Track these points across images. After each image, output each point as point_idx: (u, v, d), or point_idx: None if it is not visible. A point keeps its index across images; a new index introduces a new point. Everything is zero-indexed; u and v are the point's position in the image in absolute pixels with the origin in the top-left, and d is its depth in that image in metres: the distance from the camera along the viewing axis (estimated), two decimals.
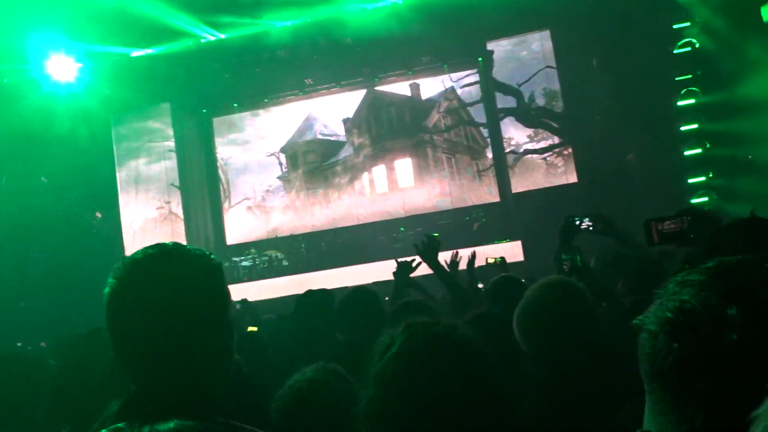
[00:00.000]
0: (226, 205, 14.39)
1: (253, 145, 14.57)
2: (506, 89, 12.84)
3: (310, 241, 13.29)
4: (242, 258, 12.80)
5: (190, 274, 1.18)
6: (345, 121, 14.33)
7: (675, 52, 11.22)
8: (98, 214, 12.96)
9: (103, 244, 12.62)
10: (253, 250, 12.95)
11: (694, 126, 11.04)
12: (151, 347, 1.14)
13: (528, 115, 12.68)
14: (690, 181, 11.00)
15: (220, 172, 14.53)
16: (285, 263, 12.96)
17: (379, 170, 14.02)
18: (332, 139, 14.39)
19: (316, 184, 14.25)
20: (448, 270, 3.90)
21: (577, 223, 3.12)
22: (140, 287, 1.16)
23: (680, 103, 11.12)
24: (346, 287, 10.70)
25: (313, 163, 14.33)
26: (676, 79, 11.18)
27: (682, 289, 0.83)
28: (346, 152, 14.25)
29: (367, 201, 13.96)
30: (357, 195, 14.04)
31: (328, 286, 11.46)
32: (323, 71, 13.68)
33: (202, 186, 14.21)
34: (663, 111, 11.24)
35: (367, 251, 12.17)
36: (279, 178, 14.35)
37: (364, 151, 14.14)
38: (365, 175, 14.08)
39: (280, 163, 14.40)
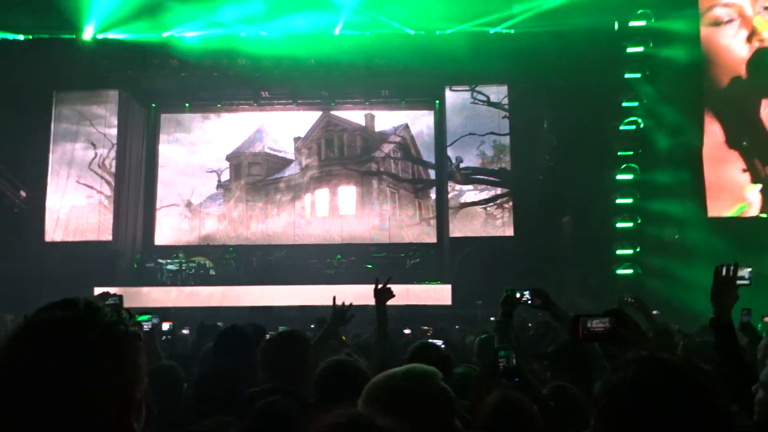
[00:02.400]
0: (159, 203, 13.96)
1: (198, 147, 14.28)
2: (459, 135, 13.10)
3: (242, 254, 13.02)
4: (169, 261, 12.39)
5: (94, 348, 0.99)
6: (296, 139, 14.26)
7: (621, 128, 11.77)
8: (23, 193, 12.34)
9: (23, 225, 12.00)
10: (181, 255, 12.56)
11: (629, 200, 11.54)
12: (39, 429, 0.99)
13: (468, 169, 12.96)
14: (618, 252, 11.45)
15: (159, 169, 14.12)
16: (212, 273, 12.63)
17: (323, 193, 13.97)
18: (280, 155, 14.28)
19: (257, 197, 14.04)
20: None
21: (517, 296, 3.20)
22: (34, 357, 1.00)
23: (619, 176, 11.63)
24: (270, 307, 10.57)
25: (257, 175, 14.15)
26: (618, 153, 11.71)
27: None
28: (292, 170, 14.15)
29: (305, 222, 13.85)
30: (296, 215, 13.91)
31: (254, 303, 11.29)
32: (282, 87, 13.64)
33: (138, 180, 13.75)
34: (602, 181, 11.72)
35: (298, 272, 12.03)
36: (219, 185, 14.08)
37: (311, 172, 14.08)
38: (308, 196, 13.99)
39: (223, 171, 14.14)
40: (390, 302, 4.14)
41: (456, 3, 11.87)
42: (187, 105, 14.27)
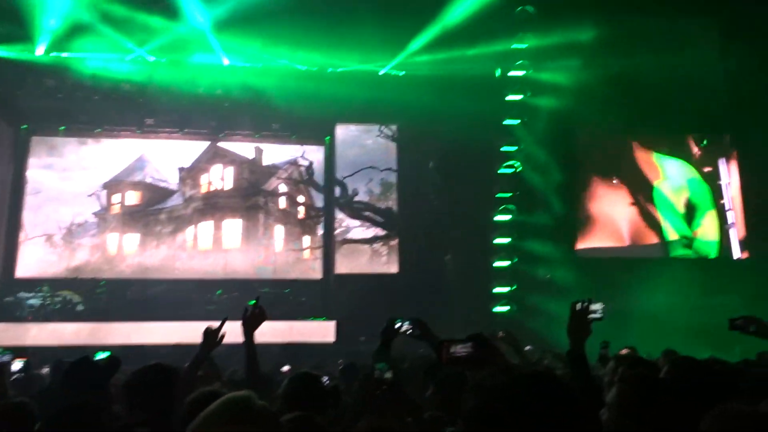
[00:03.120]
0: (24, 232, 12.90)
1: (73, 174, 13.41)
2: (347, 172, 13.26)
3: (115, 288, 12.25)
4: (32, 295, 11.44)
5: None
6: (180, 169, 13.77)
7: (499, 171, 12.41)
8: None
9: None
10: (45, 288, 11.62)
11: (507, 240, 12.12)
12: None
13: (358, 204, 13.14)
14: (496, 290, 11.94)
15: (26, 195, 13.10)
16: (80, 308, 11.77)
17: (206, 226, 13.52)
18: (162, 184, 13.71)
19: (135, 228, 13.34)
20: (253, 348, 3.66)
21: (398, 325, 3.23)
22: None
23: (498, 217, 12.21)
24: (142, 345, 9.98)
25: (135, 206, 13.47)
26: (497, 195, 12.31)
27: None
28: (174, 201, 13.60)
29: (186, 256, 13.31)
30: (177, 248, 13.33)
31: (126, 341, 10.64)
32: (168, 115, 13.20)
33: (1, 207, 12.68)
34: (483, 221, 12.24)
35: (176, 308, 11.47)
36: (95, 214, 13.25)
37: (195, 204, 13.61)
38: (190, 229, 13.48)
39: (99, 199, 13.34)
40: (272, 339, 4.02)
41: (348, 43, 12.14)
42: (62, 128, 13.42)
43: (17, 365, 4.91)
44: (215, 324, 3.43)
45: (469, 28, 11.60)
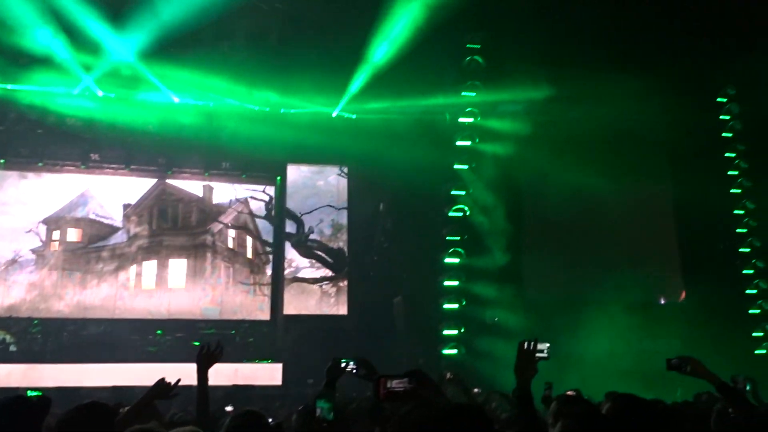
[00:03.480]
0: None
1: (11, 208, 12.92)
2: (296, 213, 13.24)
3: (51, 328, 11.74)
4: None
5: None
6: (125, 206, 13.45)
7: (449, 214, 12.60)
8: None
9: None
10: None
11: (456, 283, 12.24)
12: None
13: (311, 243, 13.10)
14: (444, 332, 11.98)
15: None
16: (13, 348, 11.21)
17: (151, 265, 13.17)
18: (106, 221, 13.34)
19: (75, 266, 12.87)
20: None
21: (343, 365, 3.23)
22: None
23: (447, 260, 12.34)
24: (78, 388, 9.56)
25: (76, 243, 13.04)
26: (447, 238, 12.47)
27: None
28: (118, 239, 13.23)
29: (128, 295, 12.89)
30: (119, 286, 12.91)
31: (62, 383, 10.17)
32: (114, 150, 12.96)
33: None
34: (432, 264, 12.36)
35: (116, 350, 11.08)
36: (33, 250, 12.76)
37: (139, 242, 13.26)
38: (133, 267, 13.10)
39: (37, 236, 12.86)
40: (217, 382, 3.95)
41: (300, 84, 12.29)
42: (1, 161, 12.99)
43: None
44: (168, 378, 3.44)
45: (420, 75, 11.92)
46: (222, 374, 9.96)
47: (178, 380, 3.46)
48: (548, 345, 2.79)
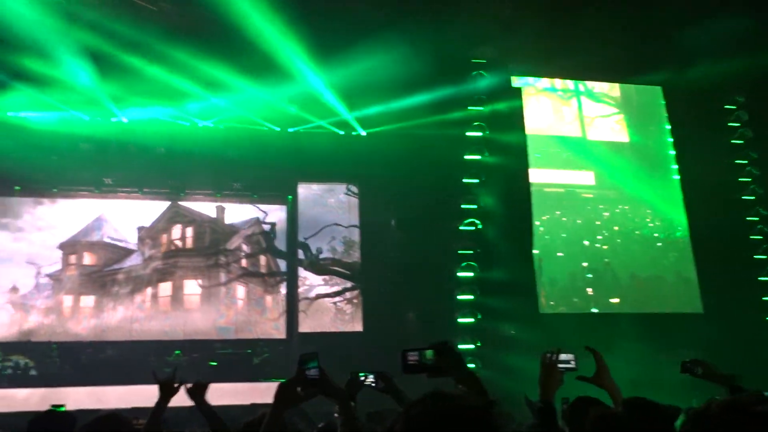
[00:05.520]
0: None
1: (27, 234, 13.10)
2: (310, 231, 13.30)
3: (69, 352, 11.83)
4: None
5: None
6: (140, 228, 13.59)
7: (460, 228, 12.63)
8: None
9: None
10: None
11: (470, 297, 12.22)
12: None
13: (324, 261, 13.15)
14: (460, 347, 11.94)
15: None
16: (33, 372, 11.30)
17: (166, 287, 13.27)
18: (120, 245, 13.47)
19: (91, 289, 13.00)
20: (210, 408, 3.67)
21: (362, 378, 3.25)
22: None
23: (460, 274, 12.34)
24: (98, 410, 9.60)
25: (92, 266, 13.18)
26: (459, 252, 12.48)
27: None
28: (133, 261, 13.36)
29: (144, 317, 12.98)
30: (135, 308, 13.01)
31: (80, 406, 10.25)
32: (127, 174, 13.12)
33: None
34: (445, 279, 12.35)
35: (133, 371, 11.09)
36: (49, 275, 12.90)
37: (154, 264, 13.38)
38: (149, 289, 13.20)
39: (54, 260, 13.01)
40: (236, 401, 4.01)
41: (308, 103, 12.41)
42: (17, 188, 13.18)
43: None
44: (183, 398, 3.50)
45: (429, 90, 12.03)
46: (239, 393, 10.02)
47: (173, 371, 3.55)
48: (573, 356, 2.76)
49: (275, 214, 14.19)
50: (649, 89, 14.86)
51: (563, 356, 2.72)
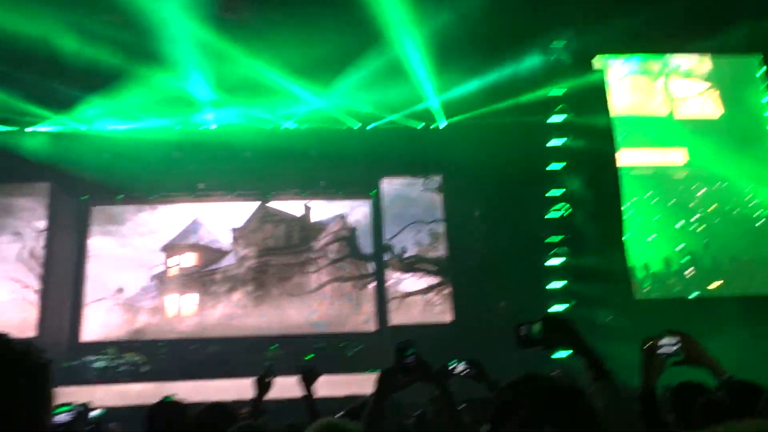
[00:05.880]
0: (88, 298, 13.42)
1: (131, 240, 13.98)
2: (394, 226, 13.43)
3: (176, 349, 12.55)
4: (97, 357, 11.80)
5: (4, 375, 1.10)
6: (233, 230, 14.21)
7: (547, 216, 12.38)
8: None
9: None
10: (110, 351, 12.00)
11: (561, 285, 11.96)
12: None
13: (409, 259, 13.24)
14: None
15: (89, 262, 13.68)
16: (144, 369, 12.08)
17: (260, 284, 13.82)
18: (216, 246, 14.13)
19: (192, 289, 13.73)
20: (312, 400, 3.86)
21: (452, 367, 3.27)
22: None
23: (549, 262, 12.10)
24: (204, 402, 10.13)
25: (192, 267, 13.90)
26: (546, 241, 12.24)
27: None
28: (228, 261, 13.99)
29: (242, 313, 13.57)
30: (233, 306, 13.63)
31: (189, 399, 10.80)
32: (218, 178, 13.72)
33: (66, 274, 13.26)
34: (534, 267, 12.15)
35: (234, 366, 11.64)
36: (153, 277, 13.72)
37: (248, 263, 13.95)
38: (245, 288, 13.79)
39: (157, 263, 13.83)
40: (331, 393, 4.18)
41: (390, 97, 12.46)
42: (119, 197, 14.07)
43: (95, 413, 5.17)
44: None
45: (509, 78, 11.85)
46: (335, 385, 10.29)
47: (267, 370, 3.81)
48: (677, 339, 2.65)
49: (360, 209, 14.44)
50: (743, 61, 13.97)
51: (664, 341, 2.63)
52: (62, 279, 13.10)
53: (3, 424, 1.04)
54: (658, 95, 13.75)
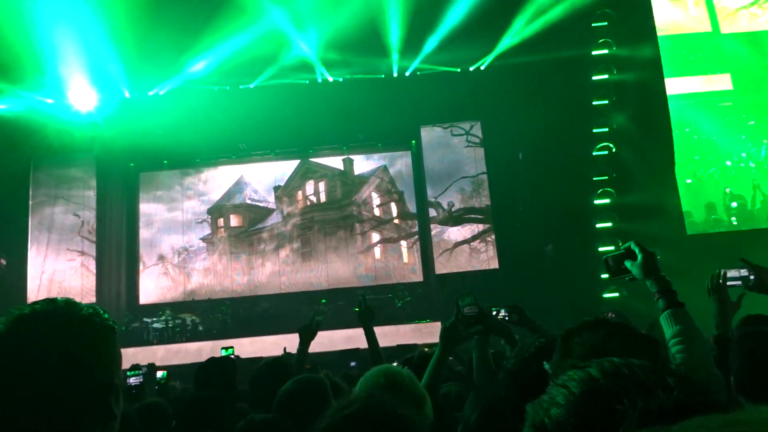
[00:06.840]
0: (143, 262, 13.86)
1: (179, 204, 14.28)
2: (436, 178, 13.28)
3: (229, 307, 12.93)
4: (155, 319, 12.24)
5: (74, 336, 1.12)
6: (276, 188, 14.33)
7: (593, 153, 12.00)
8: (2, 261, 12.21)
9: (4, 292, 11.85)
10: (167, 312, 12.43)
11: (609, 224, 11.68)
12: (28, 409, 1.08)
13: (456, 213, 13.10)
14: (603, 276, 11.51)
15: (140, 228, 14.07)
16: (200, 328, 12.49)
17: (306, 240, 13.98)
18: (261, 205, 14.31)
19: (240, 249, 14.01)
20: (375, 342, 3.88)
21: (494, 313, 3.24)
22: (20, 346, 1.10)
23: (596, 201, 11.80)
24: (260, 358, 10.43)
25: (239, 227, 14.15)
26: (594, 179, 11.90)
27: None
28: (273, 219, 14.17)
29: (290, 270, 13.81)
30: (281, 263, 13.87)
31: (244, 355, 11.13)
32: (258, 138, 13.76)
33: (120, 241, 13.70)
34: (580, 207, 11.85)
35: (286, 321, 11.89)
36: (202, 239, 14.04)
37: (293, 220, 14.11)
38: (292, 245, 13.99)
39: (205, 225, 14.12)
40: (382, 343, 4.21)
41: (426, 46, 12.15)
42: (165, 162, 14.33)
43: (159, 374, 5.41)
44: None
45: (549, 17, 11.37)
46: (385, 336, 10.43)
47: (312, 320, 3.87)
48: (744, 270, 2.50)
49: (401, 159, 14.34)
50: None
51: (732, 273, 2.49)
52: (116, 245, 13.52)
53: (77, 385, 1.08)
54: (700, 6, 12.60)
